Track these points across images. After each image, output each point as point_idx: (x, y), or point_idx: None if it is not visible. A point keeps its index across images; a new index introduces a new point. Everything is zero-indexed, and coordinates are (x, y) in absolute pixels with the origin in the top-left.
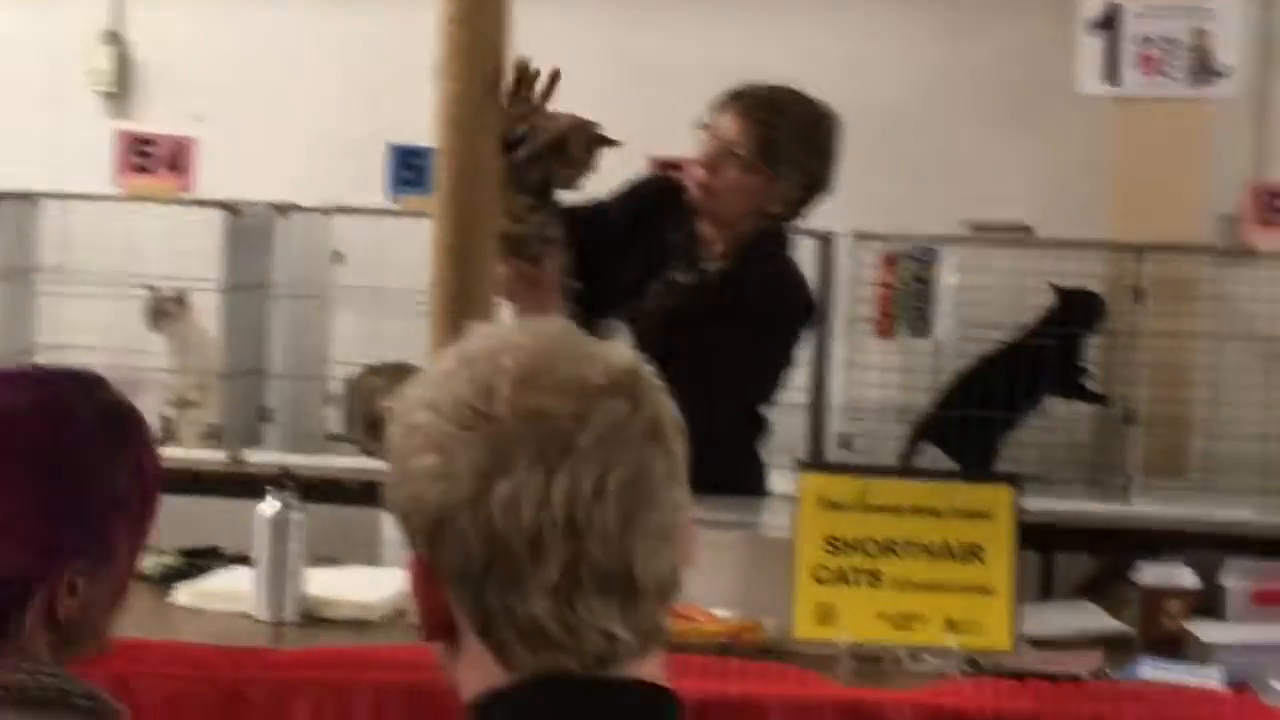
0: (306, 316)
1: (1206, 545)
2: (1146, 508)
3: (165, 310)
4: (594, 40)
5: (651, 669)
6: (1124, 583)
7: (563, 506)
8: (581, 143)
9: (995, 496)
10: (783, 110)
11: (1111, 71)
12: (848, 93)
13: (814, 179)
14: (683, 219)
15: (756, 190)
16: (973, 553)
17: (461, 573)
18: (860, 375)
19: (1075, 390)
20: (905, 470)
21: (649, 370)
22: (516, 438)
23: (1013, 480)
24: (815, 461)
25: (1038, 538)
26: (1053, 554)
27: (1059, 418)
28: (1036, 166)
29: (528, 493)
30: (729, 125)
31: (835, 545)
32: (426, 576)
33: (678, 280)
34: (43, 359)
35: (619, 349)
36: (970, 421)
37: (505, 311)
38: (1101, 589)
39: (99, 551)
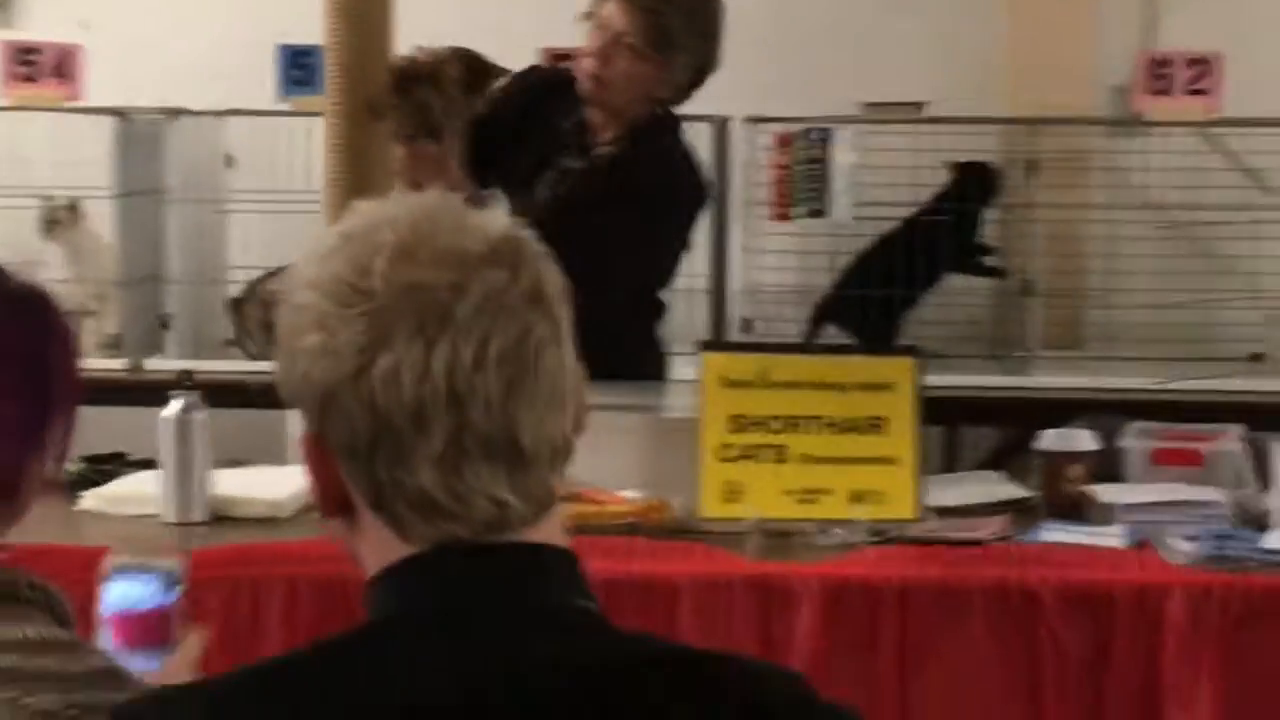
0: (202, 222)
1: (1106, 412)
2: (1047, 378)
3: (57, 219)
4: None
5: (548, 532)
6: (1028, 452)
7: (443, 377)
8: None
9: (896, 368)
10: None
11: None
12: None
13: (703, 61)
14: (572, 108)
15: (648, 77)
16: (875, 425)
17: (350, 448)
18: (758, 259)
19: (973, 265)
20: (806, 346)
21: (529, 237)
22: (395, 312)
23: (913, 352)
24: (717, 341)
25: (941, 412)
26: (957, 428)
27: (958, 293)
28: (930, 44)
29: (407, 365)
30: (616, 14)
31: (739, 423)
32: (319, 454)
33: (569, 167)
34: None
35: (499, 217)
36: (870, 300)
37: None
38: (1006, 459)
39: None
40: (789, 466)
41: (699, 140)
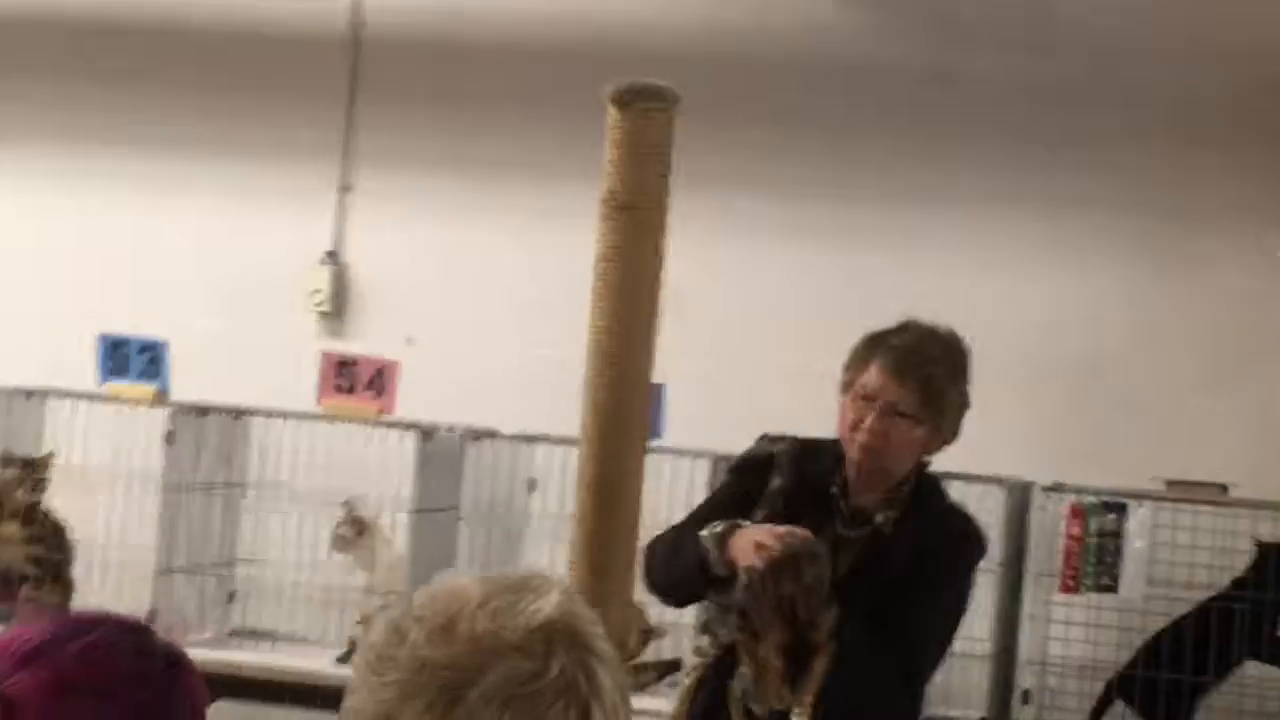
0: (496, 542)
1: None
2: None
3: (344, 535)
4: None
5: None
6: None
7: None
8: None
9: None
10: (935, 358)
11: None
12: (1049, 341)
13: (964, 408)
14: (831, 472)
15: (922, 441)
16: None
17: None
18: (1047, 629)
19: (1271, 654)
20: None
21: (587, 629)
22: (415, 686)
23: None
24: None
25: None
26: None
27: (1254, 683)
28: (1239, 422)
29: None
30: (886, 384)
31: None
32: None
33: (847, 536)
34: (242, 571)
35: (556, 603)
36: (1164, 683)
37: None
38: None
39: None
40: None
41: (995, 504)
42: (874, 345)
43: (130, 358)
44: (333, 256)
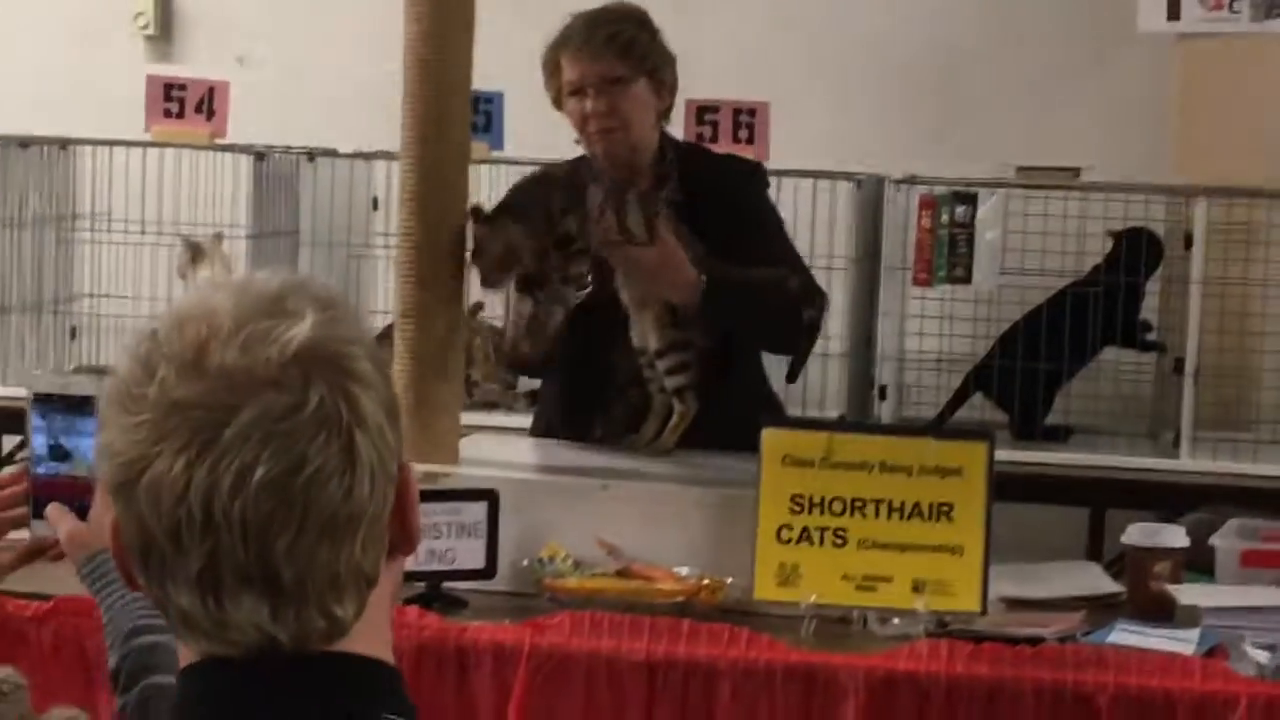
0: (338, 263)
1: (1261, 502)
2: (1201, 462)
3: (200, 250)
4: None
5: (366, 643)
6: None
7: (199, 501)
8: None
9: (967, 453)
10: (613, 19)
11: (1174, 7)
12: (898, 30)
13: (672, 57)
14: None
15: (649, 99)
16: (943, 511)
17: (130, 549)
18: (899, 324)
19: (1131, 339)
20: (872, 426)
21: (346, 350)
22: (167, 426)
23: (985, 435)
24: (779, 417)
25: (1086, 493)
26: (1104, 510)
27: (1114, 368)
28: (1094, 108)
29: (167, 484)
30: (579, 65)
31: (800, 503)
32: (116, 543)
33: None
34: (81, 307)
35: (312, 327)
36: (1023, 372)
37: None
38: None
39: None
40: (849, 551)
41: (846, 200)
42: (555, 47)
43: None
44: None
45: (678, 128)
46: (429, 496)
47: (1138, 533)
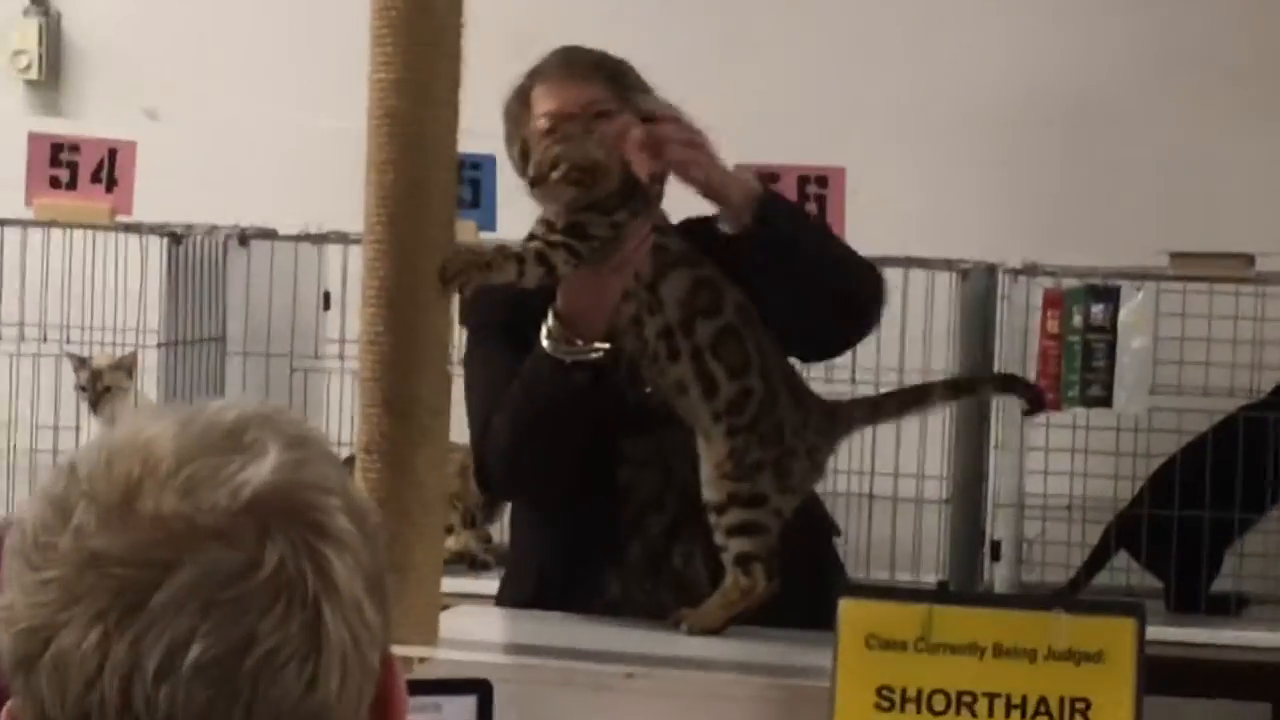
0: (278, 378)
1: None
2: None
3: (108, 386)
4: None
5: None
6: None
7: (116, 684)
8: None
9: (1110, 630)
10: (588, 50)
11: None
12: (1013, 80)
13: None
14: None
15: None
16: (1078, 709)
17: None
18: (1018, 460)
19: None
20: (983, 596)
21: (318, 500)
22: (79, 586)
23: (1133, 608)
24: (860, 584)
25: (1267, 683)
26: None
27: None
28: (1271, 180)
29: (76, 660)
30: (561, 92)
31: (889, 698)
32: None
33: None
34: None
35: (273, 467)
36: (1182, 523)
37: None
38: None
39: None
40: None
41: (946, 295)
42: (525, 82)
43: None
44: (39, 4)
45: None
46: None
47: None
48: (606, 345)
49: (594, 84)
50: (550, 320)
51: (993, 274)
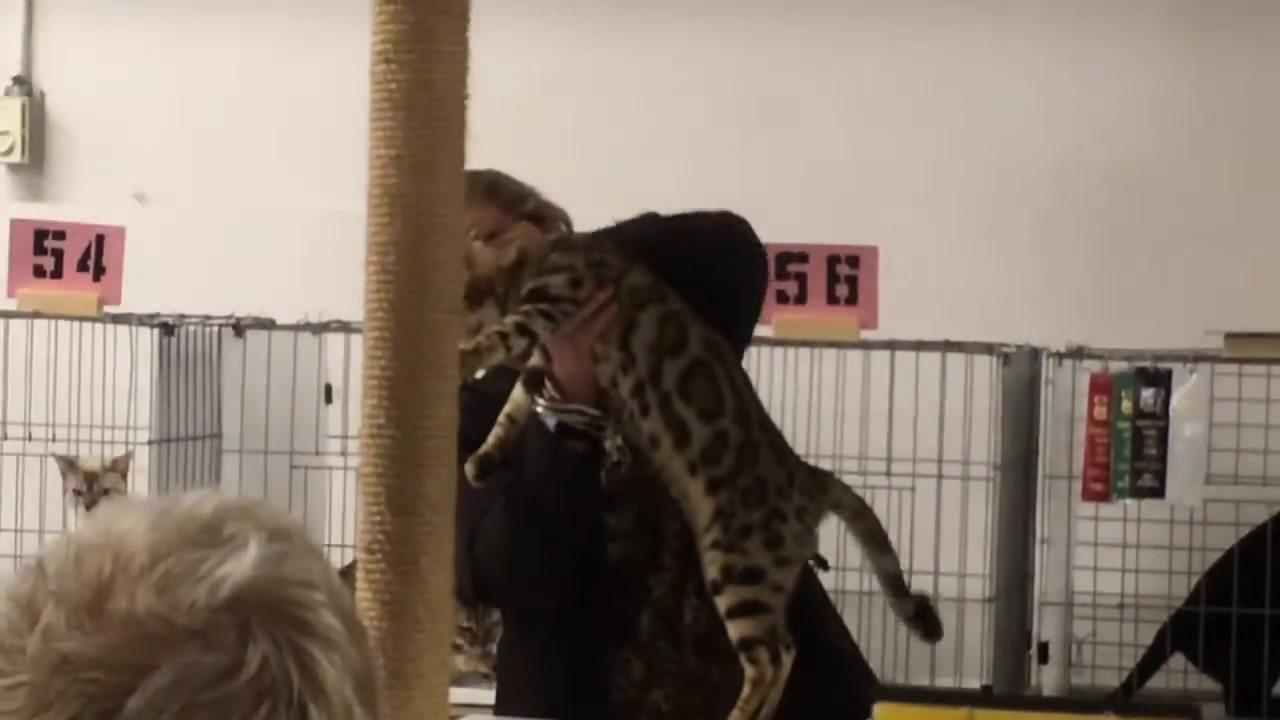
0: (277, 476)
1: None
2: None
3: (106, 489)
4: None
5: None
6: None
7: None
8: None
9: None
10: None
11: None
12: (1055, 153)
13: None
14: None
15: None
16: None
17: None
18: (1065, 554)
19: None
20: (1030, 699)
21: (303, 596)
22: (48, 691)
23: (1191, 712)
24: (896, 688)
25: None
26: None
27: None
28: None
29: None
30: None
31: None
32: None
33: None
34: None
35: (255, 561)
36: (1242, 621)
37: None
38: None
39: None
40: None
41: (987, 381)
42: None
43: None
44: (22, 83)
45: None
46: None
47: None
48: (598, 412)
49: (472, 207)
50: (547, 388)
51: (1036, 358)
